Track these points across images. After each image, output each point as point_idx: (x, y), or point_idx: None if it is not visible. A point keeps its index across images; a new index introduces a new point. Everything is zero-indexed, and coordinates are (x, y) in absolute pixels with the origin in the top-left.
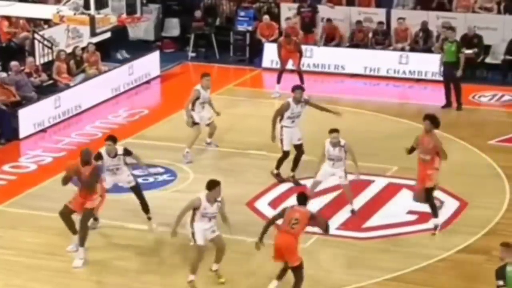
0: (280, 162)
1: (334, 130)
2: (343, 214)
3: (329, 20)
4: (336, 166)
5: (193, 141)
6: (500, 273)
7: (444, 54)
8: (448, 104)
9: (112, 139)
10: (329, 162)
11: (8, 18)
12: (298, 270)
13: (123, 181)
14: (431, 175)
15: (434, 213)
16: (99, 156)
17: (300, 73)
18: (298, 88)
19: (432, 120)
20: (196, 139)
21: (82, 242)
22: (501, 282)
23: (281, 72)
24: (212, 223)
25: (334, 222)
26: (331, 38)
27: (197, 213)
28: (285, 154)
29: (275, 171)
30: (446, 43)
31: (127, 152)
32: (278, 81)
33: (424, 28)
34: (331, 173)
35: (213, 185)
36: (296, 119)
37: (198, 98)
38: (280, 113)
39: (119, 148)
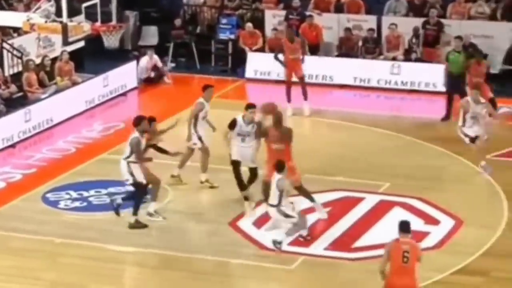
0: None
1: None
2: (332, 233)
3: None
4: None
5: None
6: None
7: (449, 65)
8: (447, 117)
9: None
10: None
11: None
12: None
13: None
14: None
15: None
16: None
17: (303, 84)
18: None
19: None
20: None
21: None
22: None
23: (288, 86)
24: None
25: (323, 242)
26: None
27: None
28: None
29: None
30: (451, 53)
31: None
32: (288, 99)
33: (417, 34)
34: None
35: None
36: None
37: (201, 110)
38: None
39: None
